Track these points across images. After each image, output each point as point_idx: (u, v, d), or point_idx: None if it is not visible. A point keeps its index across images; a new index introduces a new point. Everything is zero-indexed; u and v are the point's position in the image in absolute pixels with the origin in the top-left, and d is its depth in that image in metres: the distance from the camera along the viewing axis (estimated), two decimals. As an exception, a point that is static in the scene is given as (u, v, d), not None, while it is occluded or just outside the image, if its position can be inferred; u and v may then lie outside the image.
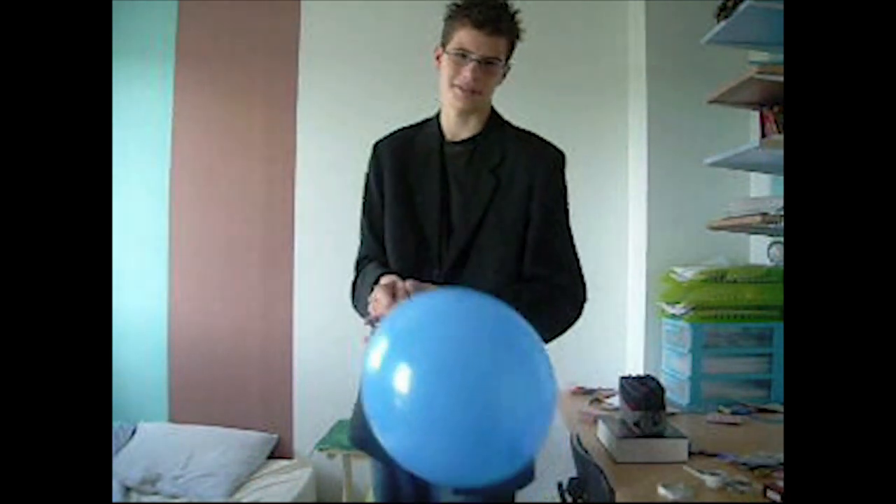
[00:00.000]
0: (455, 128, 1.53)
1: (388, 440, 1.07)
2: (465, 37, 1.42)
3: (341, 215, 3.23)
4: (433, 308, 1.15)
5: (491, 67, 1.43)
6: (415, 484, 1.50)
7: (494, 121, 1.54)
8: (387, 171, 1.57)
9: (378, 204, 1.57)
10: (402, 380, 1.01)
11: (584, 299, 1.48)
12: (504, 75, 1.50)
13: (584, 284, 1.49)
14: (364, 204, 1.63)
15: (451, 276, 1.45)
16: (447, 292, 1.22)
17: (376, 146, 1.62)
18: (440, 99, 1.52)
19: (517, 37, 1.48)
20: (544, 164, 1.48)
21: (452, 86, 1.45)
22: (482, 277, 1.42)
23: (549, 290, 1.44)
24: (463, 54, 1.42)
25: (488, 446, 1.01)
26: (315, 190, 3.28)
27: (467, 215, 1.46)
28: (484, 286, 1.35)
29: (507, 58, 1.47)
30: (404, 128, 1.61)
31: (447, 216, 1.48)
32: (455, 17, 1.44)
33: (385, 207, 1.55)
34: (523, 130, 1.55)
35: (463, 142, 1.52)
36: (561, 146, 1.52)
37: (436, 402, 1.00)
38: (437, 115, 1.56)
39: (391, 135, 1.62)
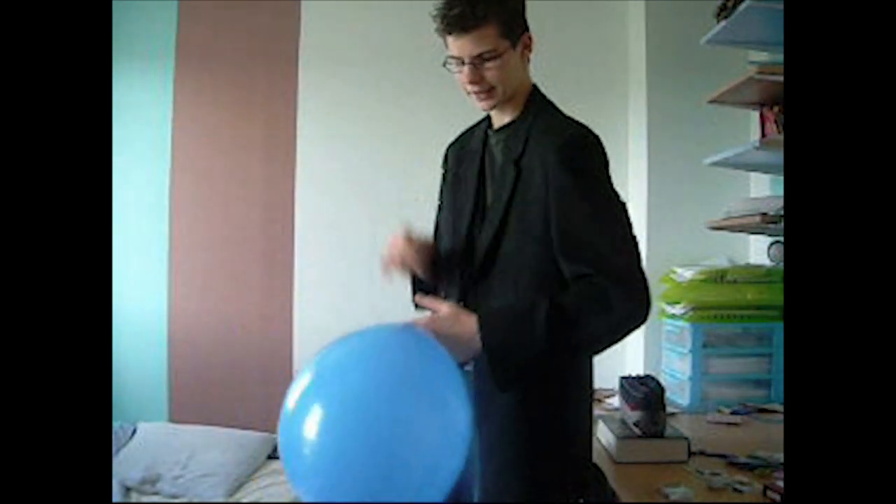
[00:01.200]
0: (496, 116, 1.48)
1: (299, 484, 1.11)
2: (450, 44, 1.37)
3: (341, 215, 3.25)
4: (353, 349, 1.18)
5: (488, 63, 1.36)
6: None
7: (532, 105, 1.43)
8: (449, 163, 1.58)
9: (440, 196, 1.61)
10: (314, 423, 1.07)
11: (642, 290, 1.27)
12: (527, 47, 1.40)
13: (637, 274, 1.28)
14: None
15: (475, 285, 1.40)
16: (380, 328, 1.23)
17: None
18: None
19: (503, 5, 1.35)
20: (556, 146, 1.32)
21: (468, 92, 1.42)
22: (509, 284, 1.35)
23: (592, 293, 1.26)
24: (457, 61, 1.38)
25: (397, 489, 1.04)
26: (315, 190, 3.28)
27: (493, 213, 1.39)
28: (510, 296, 1.35)
29: (509, 34, 1.36)
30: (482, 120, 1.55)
31: (482, 209, 1.43)
32: (436, 26, 1.39)
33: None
34: (559, 114, 1.42)
35: (500, 129, 1.46)
36: None
37: (345, 446, 1.04)
38: None
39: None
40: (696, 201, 2.79)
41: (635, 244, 1.32)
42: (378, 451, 1.03)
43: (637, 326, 1.30)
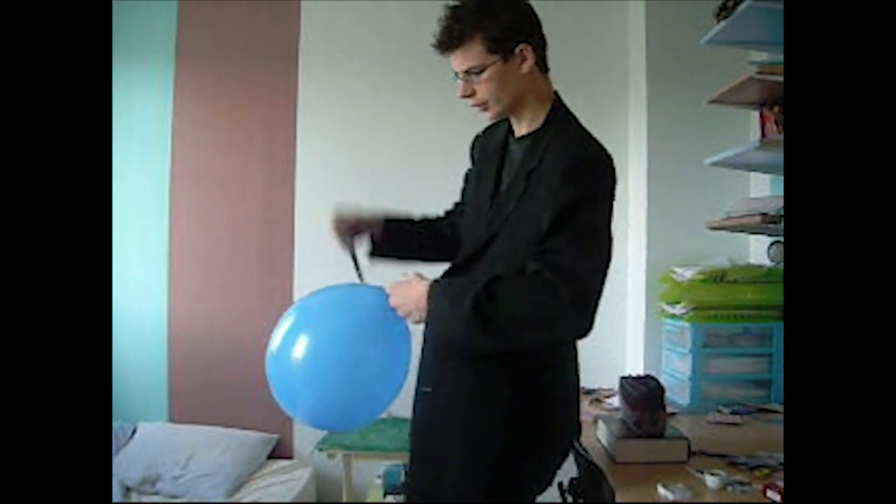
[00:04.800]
0: (515, 125, 1.49)
1: (282, 394, 1.45)
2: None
3: (341, 215, 3.25)
4: (330, 300, 1.55)
5: (479, 76, 1.37)
6: None
7: (553, 117, 1.43)
8: (475, 155, 1.61)
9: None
10: (299, 355, 1.42)
11: (590, 304, 1.27)
12: (526, 59, 1.38)
13: (592, 292, 1.27)
14: None
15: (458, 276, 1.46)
16: (351, 285, 1.55)
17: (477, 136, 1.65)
18: None
19: (491, 20, 1.34)
20: (564, 164, 1.32)
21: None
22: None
23: (535, 283, 1.27)
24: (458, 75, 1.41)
25: (353, 400, 1.43)
26: (315, 190, 3.28)
27: (494, 216, 1.42)
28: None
29: (498, 48, 1.35)
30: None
31: (490, 212, 1.45)
32: None
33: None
34: (577, 130, 1.42)
35: (520, 139, 1.47)
36: None
37: (317, 366, 1.41)
38: None
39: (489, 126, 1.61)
40: (697, 201, 2.78)
41: (603, 276, 1.31)
42: (345, 378, 1.40)
43: (573, 335, 1.34)
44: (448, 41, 1.37)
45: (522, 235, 1.35)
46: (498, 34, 1.35)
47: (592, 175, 1.33)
